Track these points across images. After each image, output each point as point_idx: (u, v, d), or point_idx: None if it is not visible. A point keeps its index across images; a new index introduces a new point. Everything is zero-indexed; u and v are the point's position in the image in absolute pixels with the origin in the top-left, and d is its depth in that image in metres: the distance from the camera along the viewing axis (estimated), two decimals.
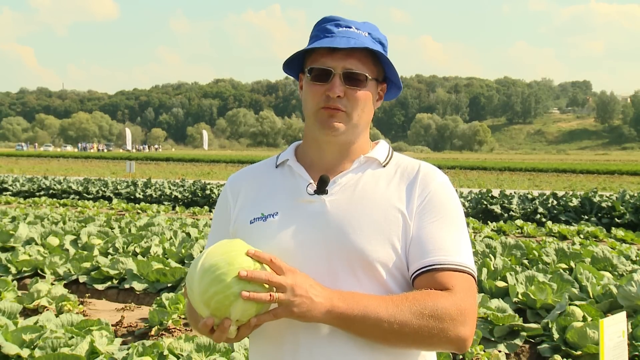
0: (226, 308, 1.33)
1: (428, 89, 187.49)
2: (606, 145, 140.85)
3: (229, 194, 1.67)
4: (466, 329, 1.42)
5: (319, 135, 1.58)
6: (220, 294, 1.32)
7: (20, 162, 51.25)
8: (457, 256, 1.47)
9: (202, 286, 1.34)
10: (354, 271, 1.48)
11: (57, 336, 4.11)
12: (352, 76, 1.52)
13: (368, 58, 1.54)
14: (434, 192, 1.54)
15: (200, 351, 4.07)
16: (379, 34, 1.59)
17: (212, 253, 1.38)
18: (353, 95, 1.52)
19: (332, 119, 1.53)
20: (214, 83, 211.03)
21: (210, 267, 1.34)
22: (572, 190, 19.65)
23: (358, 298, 1.41)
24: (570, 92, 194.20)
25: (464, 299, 1.43)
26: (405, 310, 1.38)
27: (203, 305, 1.34)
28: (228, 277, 1.32)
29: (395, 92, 1.68)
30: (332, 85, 1.51)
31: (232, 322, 1.34)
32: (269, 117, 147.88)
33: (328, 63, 1.52)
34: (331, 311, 1.38)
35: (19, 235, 8.42)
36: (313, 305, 1.37)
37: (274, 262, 1.38)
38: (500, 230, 11.75)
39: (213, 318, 1.34)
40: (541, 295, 5.35)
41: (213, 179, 29.55)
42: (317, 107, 1.54)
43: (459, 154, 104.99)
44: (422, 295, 1.41)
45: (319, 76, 1.53)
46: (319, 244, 1.48)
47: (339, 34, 1.53)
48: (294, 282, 1.37)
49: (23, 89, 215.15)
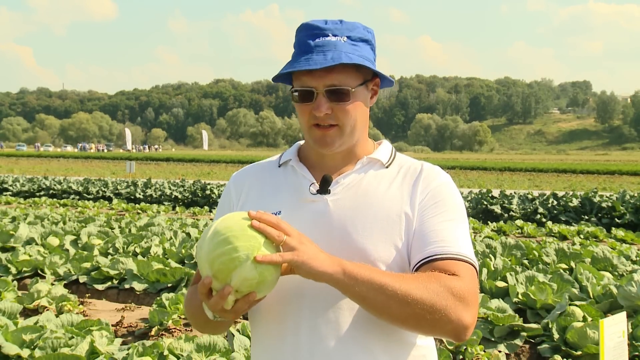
0: (229, 271, 1.33)
1: (428, 89, 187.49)
2: (606, 146, 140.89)
3: (232, 191, 1.68)
4: (468, 315, 1.41)
5: (317, 150, 1.59)
6: (226, 255, 1.33)
7: (20, 162, 51.26)
8: (458, 247, 1.48)
9: (211, 245, 1.35)
10: None
11: (57, 336, 4.11)
12: (337, 92, 1.50)
13: (350, 67, 1.51)
14: (435, 189, 1.55)
15: (201, 351, 4.07)
16: (360, 32, 1.54)
17: (224, 221, 1.39)
18: (342, 110, 1.51)
19: (326, 137, 1.53)
20: (214, 83, 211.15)
21: (223, 229, 1.36)
22: (572, 191, 19.65)
23: (364, 265, 1.41)
24: (570, 92, 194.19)
25: (469, 285, 1.43)
26: (411, 281, 1.39)
27: (207, 264, 1.35)
28: (238, 241, 1.33)
29: (387, 81, 1.64)
30: (317, 105, 1.50)
31: (232, 289, 1.33)
32: (269, 117, 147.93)
33: (309, 83, 1.50)
34: (338, 264, 1.37)
35: (19, 235, 8.42)
36: (319, 255, 1.37)
37: (279, 223, 1.38)
38: (501, 230, 11.75)
39: (212, 279, 1.35)
40: (541, 296, 5.34)
41: (213, 179, 29.55)
42: (308, 125, 1.54)
43: (459, 154, 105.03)
44: (429, 274, 1.42)
45: (303, 97, 1.52)
46: (322, 244, 1.48)
47: (315, 48, 1.49)
48: (300, 234, 1.39)
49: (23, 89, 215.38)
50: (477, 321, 4.85)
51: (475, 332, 4.53)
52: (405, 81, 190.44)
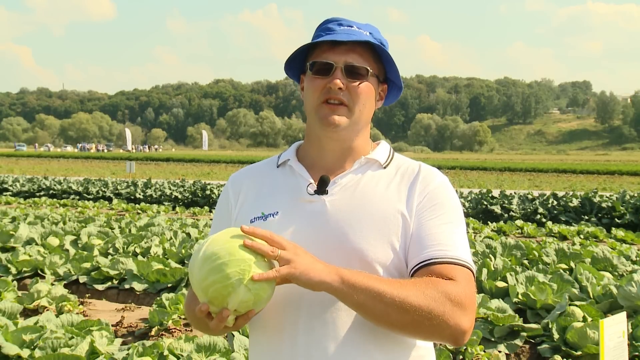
0: (224, 298, 1.33)
1: (428, 89, 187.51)
2: (606, 146, 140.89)
3: (230, 192, 1.68)
4: (465, 319, 1.41)
5: (320, 132, 1.58)
6: (218, 284, 1.32)
7: (20, 163, 51.26)
8: (455, 251, 1.48)
9: (202, 273, 1.34)
10: None
11: (57, 336, 4.11)
12: (354, 70, 1.53)
13: (369, 54, 1.56)
14: (433, 191, 1.55)
15: (201, 351, 4.06)
16: (380, 36, 1.61)
17: (215, 241, 1.38)
18: (355, 89, 1.53)
19: (334, 113, 1.53)
20: (214, 83, 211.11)
21: (211, 255, 1.35)
22: (572, 191, 19.64)
23: (362, 272, 1.41)
24: (570, 92, 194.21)
25: (465, 290, 1.43)
26: (408, 287, 1.39)
27: (201, 292, 1.36)
28: (228, 268, 1.32)
29: (395, 94, 1.69)
30: (333, 78, 1.52)
31: (230, 312, 1.34)
32: (269, 117, 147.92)
33: (330, 57, 1.54)
34: (335, 273, 1.37)
35: (19, 235, 8.42)
36: (316, 265, 1.37)
37: (272, 237, 1.38)
38: (501, 230, 11.75)
39: (209, 304, 1.35)
40: (541, 296, 5.34)
41: (213, 179, 29.55)
42: (318, 102, 1.55)
43: (459, 154, 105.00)
44: (426, 280, 1.42)
45: (320, 70, 1.54)
46: (319, 244, 1.49)
47: (341, 31, 1.55)
48: (295, 246, 1.39)
49: (23, 89, 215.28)
50: (477, 321, 4.85)
51: (475, 332, 4.53)
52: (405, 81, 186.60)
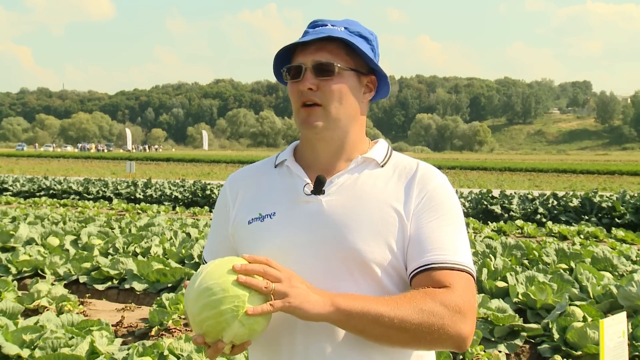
0: (218, 332, 1.34)
1: (428, 89, 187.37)
2: (606, 146, 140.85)
3: (228, 194, 1.67)
4: (466, 326, 1.41)
5: (305, 134, 1.59)
6: (212, 320, 1.33)
7: (20, 162, 51.26)
8: (455, 255, 1.46)
9: (196, 308, 1.35)
10: (350, 271, 1.47)
11: (57, 336, 4.11)
12: (322, 67, 1.52)
13: (341, 49, 1.54)
14: (432, 191, 1.53)
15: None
16: (360, 28, 1.58)
17: (210, 274, 1.37)
18: (326, 87, 1.52)
19: (310, 117, 1.53)
20: (214, 83, 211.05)
21: (205, 290, 1.35)
22: (572, 191, 19.64)
23: (357, 296, 1.41)
24: (571, 92, 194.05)
25: (463, 297, 1.42)
26: (405, 306, 1.38)
27: (196, 325, 1.37)
28: (222, 304, 1.33)
29: (385, 88, 1.65)
30: (303, 79, 1.52)
31: (225, 344, 1.35)
32: (269, 117, 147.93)
33: (299, 60, 1.54)
34: (330, 303, 1.37)
35: (19, 235, 8.43)
36: (311, 297, 1.36)
37: (266, 271, 1.37)
38: (501, 230, 11.75)
39: (204, 337, 1.36)
40: (541, 296, 5.34)
41: (213, 179, 29.55)
42: (297, 106, 1.56)
43: (459, 154, 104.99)
44: (421, 293, 1.41)
45: (294, 74, 1.55)
46: (316, 244, 1.48)
47: (313, 32, 1.55)
48: (290, 276, 1.38)
49: (23, 89, 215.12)
50: (478, 321, 4.85)
51: (476, 332, 4.51)
52: (405, 81, 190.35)
